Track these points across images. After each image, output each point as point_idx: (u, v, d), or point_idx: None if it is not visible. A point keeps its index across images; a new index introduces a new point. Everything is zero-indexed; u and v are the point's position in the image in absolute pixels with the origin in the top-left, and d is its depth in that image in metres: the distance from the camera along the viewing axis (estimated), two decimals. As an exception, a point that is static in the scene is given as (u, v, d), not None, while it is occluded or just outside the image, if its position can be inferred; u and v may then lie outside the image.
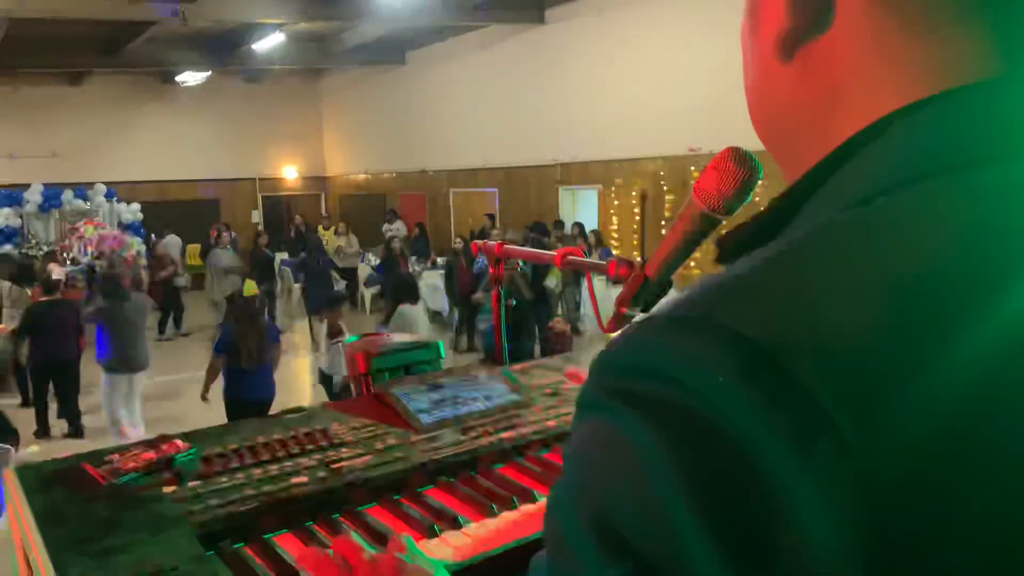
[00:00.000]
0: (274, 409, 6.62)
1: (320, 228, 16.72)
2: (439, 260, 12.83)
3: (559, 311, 10.00)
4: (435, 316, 12.01)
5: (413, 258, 13.48)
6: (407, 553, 0.77)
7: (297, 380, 9.33)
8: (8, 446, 5.24)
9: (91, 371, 7.53)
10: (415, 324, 6.75)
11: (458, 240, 11.73)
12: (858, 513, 0.33)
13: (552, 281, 9.30)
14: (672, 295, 0.46)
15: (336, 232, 15.51)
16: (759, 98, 0.53)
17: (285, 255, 15.56)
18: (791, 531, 0.34)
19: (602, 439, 0.40)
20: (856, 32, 0.45)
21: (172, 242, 14.96)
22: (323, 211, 20.08)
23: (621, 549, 0.38)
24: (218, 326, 6.42)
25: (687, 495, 0.35)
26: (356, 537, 0.80)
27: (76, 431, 7.55)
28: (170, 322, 12.39)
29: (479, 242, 1.70)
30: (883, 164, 0.43)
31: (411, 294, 7.03)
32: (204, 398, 6.22)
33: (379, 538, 1.05)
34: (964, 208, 0.40)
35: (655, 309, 0.43)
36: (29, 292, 8.71)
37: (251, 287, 7.35)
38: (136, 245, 11.45)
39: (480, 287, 9.29)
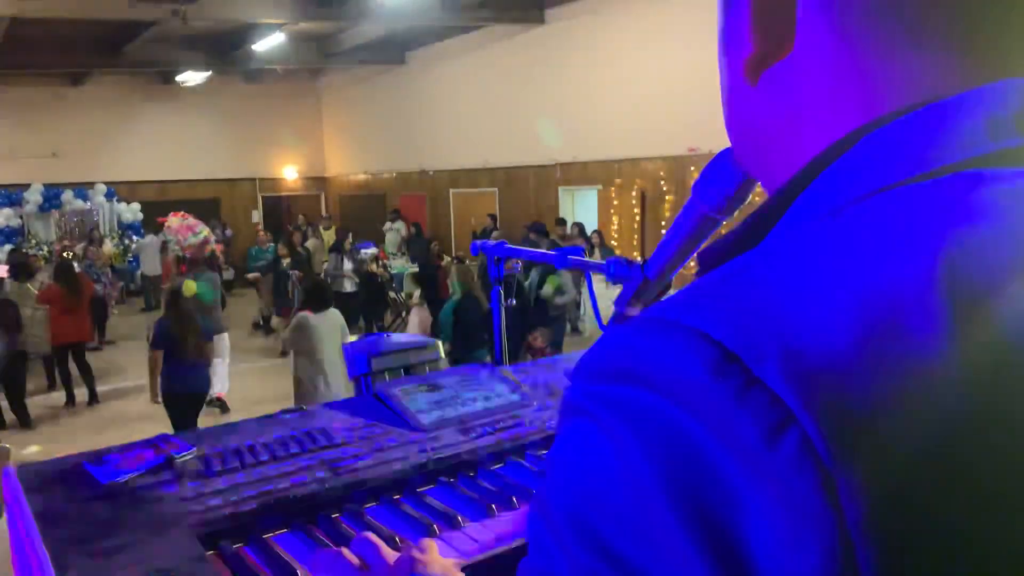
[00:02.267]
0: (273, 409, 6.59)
1: (320, 228, 16.73)
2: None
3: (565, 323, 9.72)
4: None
5: (403, 259, 13.53)
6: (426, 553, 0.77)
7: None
8: (7, 445, 5.26)
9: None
10: (316, 337, 6.24)
11: (436, 244, 11.90)
12: (821, 514, 0.33)
13: (548, 290, 8.96)
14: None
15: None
16: (731, 117, 0.55)
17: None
18: (756, 532, 0.34)
19: (579, 441, 0.40)
20: (817, 55, 0.47)
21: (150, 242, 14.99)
22: (323, 211, 20.08)
23: (604, 552, 0.38)
24: (154, 323, 6.81)
25: (665, 496, 0.36)
26: (373, 536, 0.80)
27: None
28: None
29: (479, 242, 1.70)
30: (851, 176, 0.44)
31: (318, 301, 6.50)
32: (154, 400, 6.58)
33: (380, 537, 1.05)
34: (930, 217, 0.40)
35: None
36: (31, 288, 8.80)
37: (190, 287, 7.50)
38: (205, 231, 11.90)
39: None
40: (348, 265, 11.61)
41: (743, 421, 0.35)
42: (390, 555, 0.76)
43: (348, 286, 11.55)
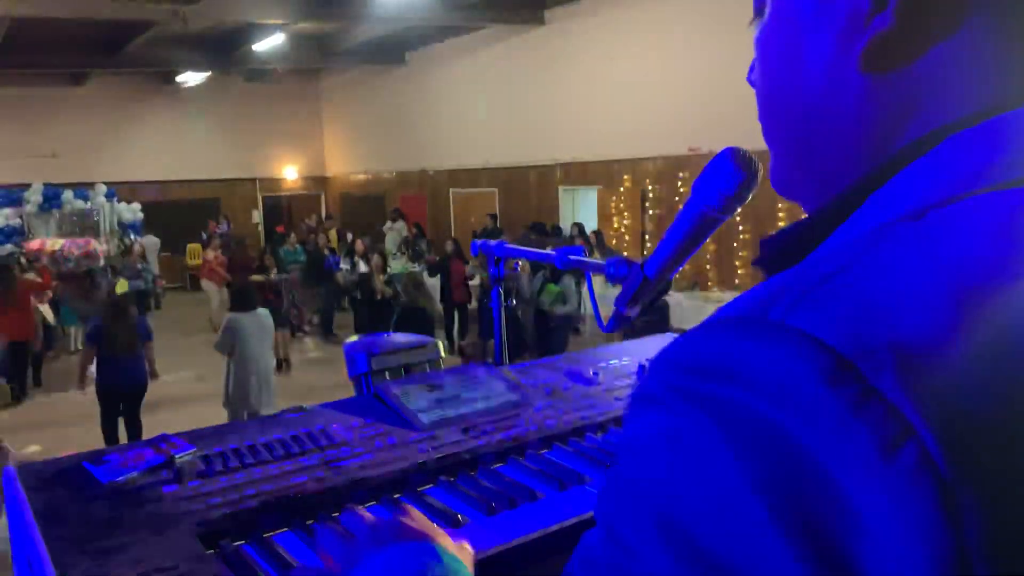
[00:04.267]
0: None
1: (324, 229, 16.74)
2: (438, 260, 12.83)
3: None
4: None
5: (403, 259, 13.47)
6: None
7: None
8: (7, 445, 5.26)
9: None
10: (244, 337, 6.38)
11: (449, 242, 11.74)
12: (938, 528, 0.33)
13: (545, 300, 8.69)
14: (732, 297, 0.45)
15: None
16: (795, 103, 0.51)
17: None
18: (868, 544, 0.33)
19: (666, 437, 0.39)
20: (965, 41, 0.43)
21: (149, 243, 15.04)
22: (323, 211, 20.08)
23: (692, 552, 0.37)
24: (91, 319, 7.22)
25: (762, 503, 0.35)
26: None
27: None
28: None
29: (479, 242, 1.70)
30: (934, 178, 0.43)
31: (243, 302, 6.65)
32: (81, 387, 7.02)
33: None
34: (1016, 223, 0.39)
35: (719, 310, 0.41)
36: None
37: (123, 285, 7.71)
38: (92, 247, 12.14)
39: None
40: (362, 268, 11.50)
41: (860, 433, 0.34)
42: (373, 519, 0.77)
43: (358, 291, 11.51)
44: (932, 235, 0.40)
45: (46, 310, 10.17)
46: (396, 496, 1.19)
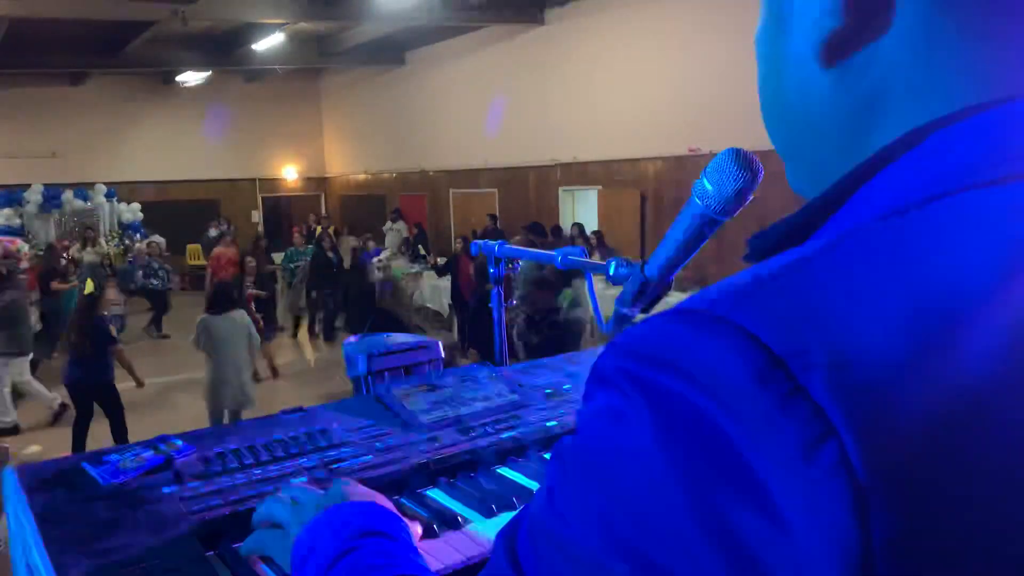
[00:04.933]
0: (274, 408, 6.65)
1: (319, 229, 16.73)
2: (439, 260, 12.82)
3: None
4: (435, 316, 12.01)
5: (403, 259, 13.46)
6: None
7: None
8: (7, 445, 5.28)
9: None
10: (219, 338, 6.46)
11: (459, 241, 11.68)
12: (848, 530, 0.33)
13: (561, 302, 8.17)
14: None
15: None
16: (781, 102, 0.52)
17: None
18: (783, 542, 0.34)
19: (609, 416, 0.40)
20: (911, 35, 0.43)
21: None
22: (323, 211, 20.07)
23: (615, 536, 0.38)
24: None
25: (680, 486, 0.36)
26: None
27: None
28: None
29: (479, 242, 1.70)
30: (918, 176, 0.42)
31: (220, 303, 6.72)
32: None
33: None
34: (996, 225, 0.39)
35: (680, 301, 0.42)
36: None
37: (90, 286, 7.88)
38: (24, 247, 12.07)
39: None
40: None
41: (783, 429, 0.34)
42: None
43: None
44: (902, 236, 0.40)
45: None
46: (396, 497, 1.19)
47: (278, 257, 13.10)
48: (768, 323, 0.36)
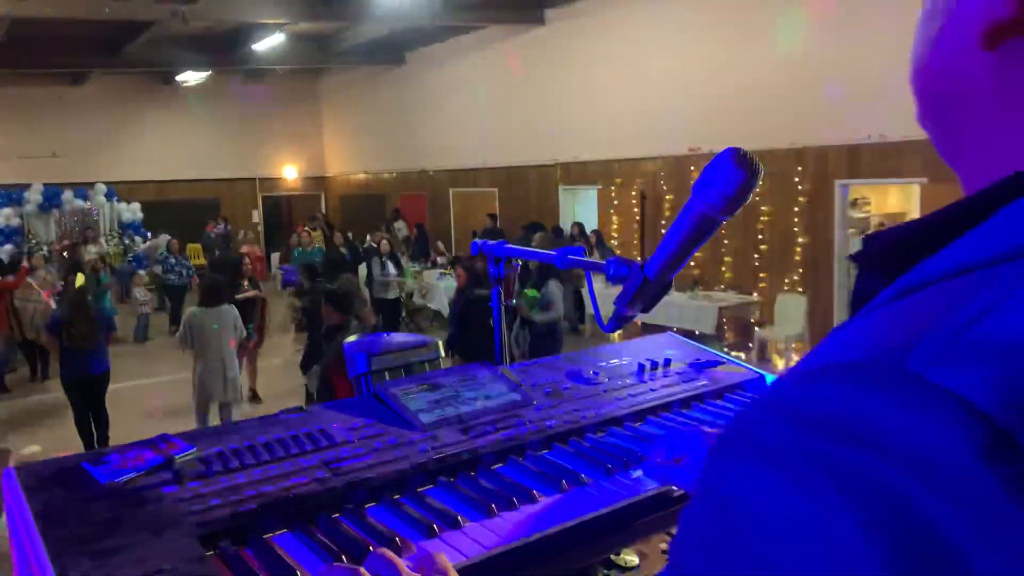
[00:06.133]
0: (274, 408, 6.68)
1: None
2: (439, 260, 12.82)
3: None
4: (436, 316, 12.01)
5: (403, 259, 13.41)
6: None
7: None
8: (7, 446, 5.28)
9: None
10: (207, 333, 6.53)
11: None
12: None
13: (523, 306, 7.89)
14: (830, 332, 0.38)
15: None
16: (935, 75, 0.47)
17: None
18: None
19: (781, 505, 0.32)
20: None
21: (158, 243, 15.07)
22: (322, 211, 20.07)
23: None
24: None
25: None
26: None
27: None
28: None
29: (479, 242, 1.70)
30: None
31: (210, 297, 6.80)
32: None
33: (380, 537, 1.05)
34: None
35: (826, 349, 0.35)
36: None
37: (80, 278, 8.02)
38: None
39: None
40: (392, 270, 11.38)
41: (1019, 522, 0.27)
42: (407, 574, 0.73)
43: (391, 293, 11.33)
44: None
45: None
46: (396, 496, 1.19)
47: (275, 257, 13.04)
48: (981, 386, 0.30)
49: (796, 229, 9.63)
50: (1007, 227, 0.37)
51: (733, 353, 4.81)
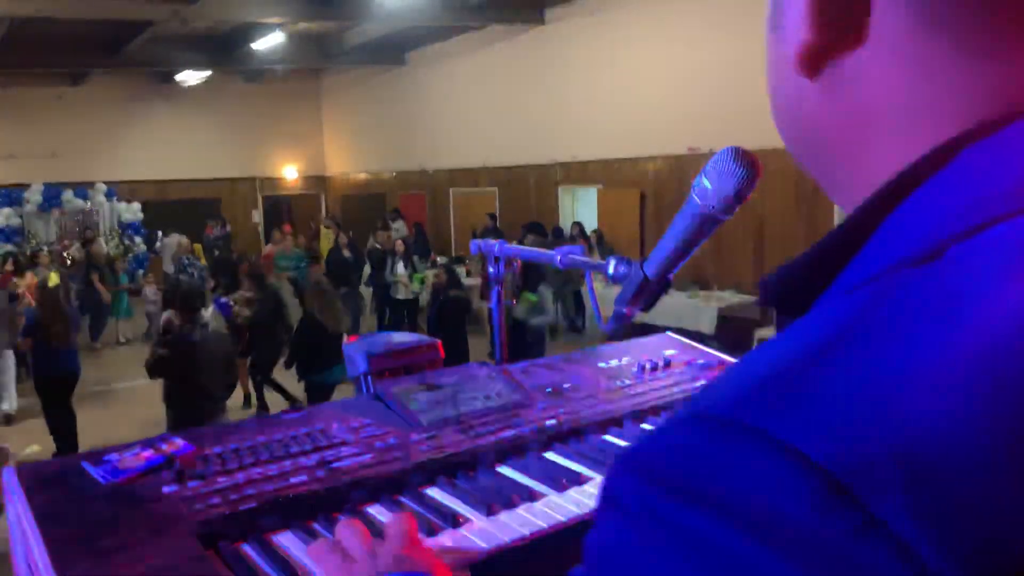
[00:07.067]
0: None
1: (322, 228, 16.71)
2: (439, 260, 12.81)
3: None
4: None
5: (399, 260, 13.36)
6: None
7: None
8: (7, 445, 5.29)
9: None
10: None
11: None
12: None
13: (520, 310, 7.66)
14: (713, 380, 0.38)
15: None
16: (783, 108, 0.46)
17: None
18: None
19: (625, 552, 0.32)
20: (895, 53, 0.38)
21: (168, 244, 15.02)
22: (323, 211, 20.08)
23: None
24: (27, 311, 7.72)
25: None
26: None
27: None
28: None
29: (479, 242, 1.70)
30: (951, 203, 0.35)
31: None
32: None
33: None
34: None
35: (697, 395, 0.35)
36: None
37: (53, 278, 8.02)
38: None
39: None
40: (401, 269, 11.31)
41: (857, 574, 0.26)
42: (367, 544, 0.77)
43: (402, 292, 11.27)
44: (951, 283, 0.32)
45: None
46: (396, 496, 1.19)
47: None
48: (818, 434, 0.29)
49: (796, 229, 9.63)
50: (869, 253, 0.37)
51: (733, 353, 4.80)
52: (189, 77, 17.42)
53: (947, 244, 0.33)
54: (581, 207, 13.27)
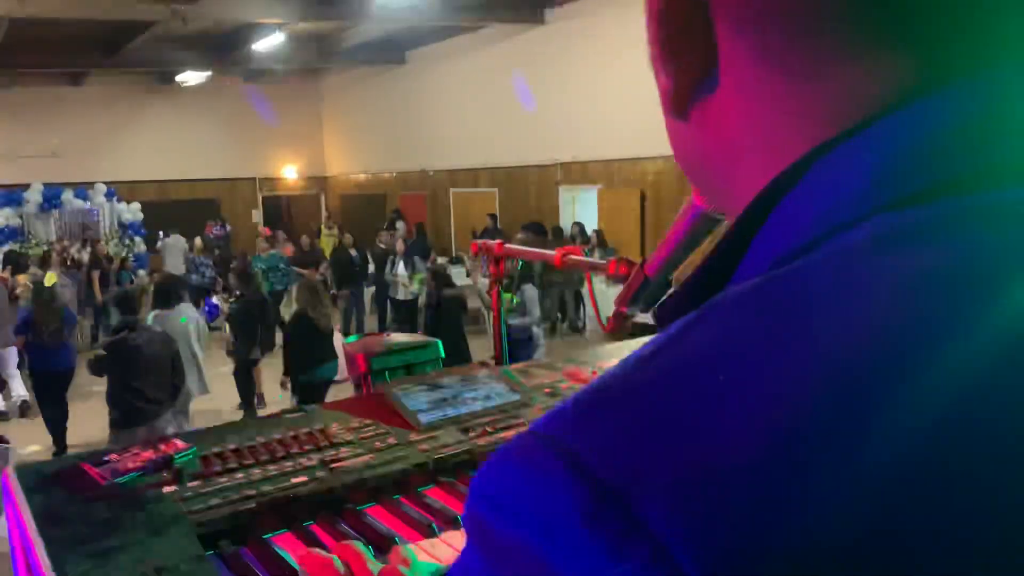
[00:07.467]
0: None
1: (324, 229, 16.72)
2: (439, 260, 12.81)
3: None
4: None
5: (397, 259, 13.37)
6: (410, 567, 0.77)
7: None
8: (7, 445, 5.29)
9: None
10: (173, 333, 6.34)
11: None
12: None
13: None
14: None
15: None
16: (672, 145, 0.50)
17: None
18: None
19: (463, 567, 0.34)
20: (745, 91, 0.40)
21: (173, 244, 14.98)
22: (323, 210, 20.09)
23: None
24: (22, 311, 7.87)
25: None
26: (360, 546, 0.80)
27: None
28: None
29: (479, 241, 1.71)
30: (799, 216, 0.36)
31: (166, 298, 6.60)
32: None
33: (379, 539, 1.05)
34: (892, 265, 0.31)
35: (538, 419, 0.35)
36: None
37: (50, 277, 8.13)
38: None
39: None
40: (401, 269, 11.26)
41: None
42: (374, 566, 0.76)
43: (402, 293, 11.24)
44: (769, 298, 0.32)
45: None
46: (396, 496, 1.19)
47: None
48: (601, 446, 0.29)
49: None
50: (738, 274, 0.38)
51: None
52: (189, 77, 17.43)
53: (789, 258, 0.34)
54: (581, 207, 13.27)
